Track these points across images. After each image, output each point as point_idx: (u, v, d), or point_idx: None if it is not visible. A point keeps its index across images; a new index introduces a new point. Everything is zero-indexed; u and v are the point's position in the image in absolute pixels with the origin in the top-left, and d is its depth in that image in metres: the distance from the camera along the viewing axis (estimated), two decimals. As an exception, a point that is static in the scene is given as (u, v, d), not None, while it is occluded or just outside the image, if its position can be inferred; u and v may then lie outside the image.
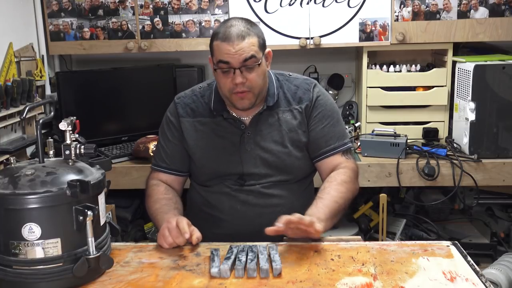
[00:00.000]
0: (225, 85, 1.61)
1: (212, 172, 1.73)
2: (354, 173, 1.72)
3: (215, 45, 1.60)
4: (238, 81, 1.57)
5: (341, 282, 1.25)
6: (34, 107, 2.17)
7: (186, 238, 1.44)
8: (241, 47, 1.55)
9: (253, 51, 1.57)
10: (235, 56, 1.56)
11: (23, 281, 1.21)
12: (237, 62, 1.56)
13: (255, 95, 1.63)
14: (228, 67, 1.57)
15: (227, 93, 1.63)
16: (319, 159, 1.74)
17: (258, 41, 1.60)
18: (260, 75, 1.62)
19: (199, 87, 1.79)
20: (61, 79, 2.52)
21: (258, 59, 1.59)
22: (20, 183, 1.20)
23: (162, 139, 1.79)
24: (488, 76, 2.30)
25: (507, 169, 2.32)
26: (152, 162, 1.82)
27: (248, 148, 1.70)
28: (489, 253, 2.58)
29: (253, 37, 1.58)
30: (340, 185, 1.64)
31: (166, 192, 1.72)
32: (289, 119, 1.71)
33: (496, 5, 2.52)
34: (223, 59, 1.57)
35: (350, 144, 1.78)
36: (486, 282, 1.24)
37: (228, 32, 1.56)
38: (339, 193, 1.62)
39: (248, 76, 1.59)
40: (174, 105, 1.77)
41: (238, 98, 1.62)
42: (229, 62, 1.57)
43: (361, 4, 2.57)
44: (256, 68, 1.60)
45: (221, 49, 1.57)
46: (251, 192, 1.70)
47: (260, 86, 1.64)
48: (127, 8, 2.66)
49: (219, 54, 1.58)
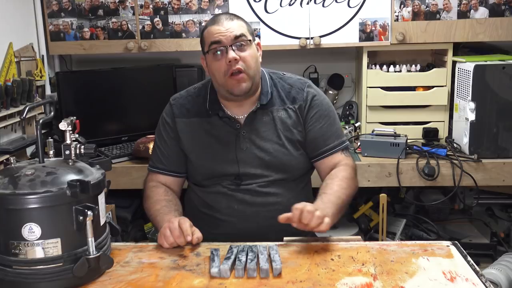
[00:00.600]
0: (219, 68, 1.62)
1: (208, 172, 1.72)
2: (354, 170, 1.73)
3: (205, 32, 1.65)
4: (231, 56, 1.59)
5: (341, 282, 1.25)
6: (34, 107, 2.18)
7: (188, 240, 1.44)
8: (230, 25, 1.61)
9: (243, 31, 1.62)
10: (226, 33, 1.60)
11: (23, 281, 1.21)
12: (228, 39, 1.60)
13: (250, 77, 1.63)
14: (220, 46, 1.60)
15: (222, 78, 1.63)
16: (319, 159, 1.74)
17: (246, 26, 1.66)
18: (253, 56, 1.64)
19: (194, 88, 1.80)
20: (61, 79, 2.52)
21: (248, 38, 1.63)
22: (20, 183, 1.20)
23: (158, 140, 1.79)
24: (488, 76, 2.30)
25: (507, 169, 2.32)
26: (149, 163, 1.81)
27: (244, 147, 1.70)
28: (489, 253, 2.58)
29: (241, 21, 1.66)
30: (342, 181, 1.65)
31: (165, 194, 1.71)
32: (284, 118, 1.72)
33: (496, 5, 2.52)
34: (214, 39, 1.60)
35: (348, 141, 1.79)
36: (486, 282, 1.24)
37: (217, 17, 1.65)
38: (342, 189, 1.62)
39: (241, 55, 1.61)
40: (169, 106, 1.78)
41: (235, 82, 1.62)
42: (220, 41, 1.60)
43: (361, 4, 2.57)
44: (248, 48, 1.63)
45: (211, 31, 1.62)
46: (248, 191, 1.70)
47: (254, 68, 1.64)
48: (127, 8, 2.66)
49: (210, 36, 1.62)
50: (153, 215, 1.66)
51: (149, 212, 1.68)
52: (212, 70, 1.66)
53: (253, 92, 1.69)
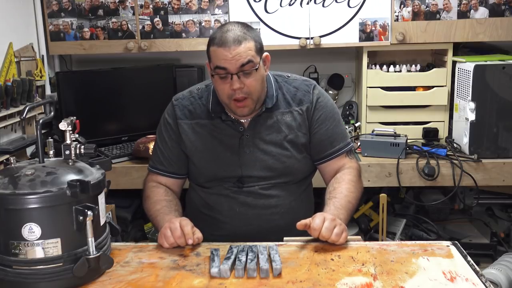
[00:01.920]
0: (223, 91, 1.60)
1: (210, 174, 1.72)
2: (359, 173, 1.74)
3: (212, 50, 1.58)
4: (235, 87, 1.56)
5: (341, 282, 1.25)
6: (34, 107, 2.17)
7: (190, 243, 1.44)
8: (237, 52, 1.53)
9: (250, 56, 1.55)
10: (232, 61, 1.54)
11: (23, 281, 1.21)
12: (234, 67, 1.54)
13: (253, 101, 1.62)
14: (226, 73, 1.56)
15: (226, 100, 1.62)
16: (324, 161, 1.74)
17: (255, 45, 1.57)
18: (258, 80, 1.60)
19: (197, 88, 1.77)
20: (61, 79, 2.52)
21: (255, 64, 1.57)
22: (20, 183, 1.20)
23: (159, 141, 1.77)
24: (488, 76, 2.30)
25: (507, 169, 2.32)
26: (149, 163, 1.81)
27: (247, 150, 1.69)
28: (489, 253, 2.58)
29: (250, 41, 1.56)
30: (349, 184, 1.65)
31: (166, 194, 1.71)
32: (289, 120, 1.70)
33: (496, 5, 2.52)
34: (220, 65, 1.55)
35: (352, 143, 1.79)
36: (486, 282, 1.24)
37: (225, 38, 1.54)
38: (351, 193, 1.63)
39: (246, 82, 1.57)
40: (172, 107, 1.76)
41: (237, 107, 1.61)
42: (226, 68, 1.55)
43: (361, 4, 2.57)
44: (254, 73, 1.58)
45: (217, 55, 1.55)
46: (250, 193, 1.70)
47: (259, 91, 1.62)
48: (127, 8, 2.66)
49: (216, 60, 1.56)
50: (153, 215, 1.65)
51: (149, 212, 1.68)
52: (216, 86, 1.63)
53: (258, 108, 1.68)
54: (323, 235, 1.43)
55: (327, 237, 1.43)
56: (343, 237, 1.45)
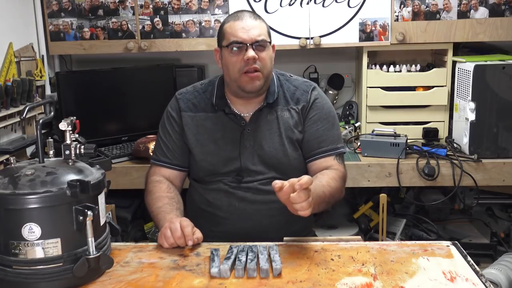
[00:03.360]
0: (235, 64, 1.64)
1: (210, 167, 1.73)
2: (343, 177, 1.72)
3: (227, 26, 1.66)
4: (250, 55, 1.61)
5: (341, 282, 1.25)
6: (34, 107, 2.18)
7: (190, 245, 1.44)
8: (254, 25, 1.64)
9: (264, 32, 1.66)
10: (249, 32, 1.62)
11: (23, 281, 1.21)
12: (250, 38, 1.62)
13: (264, 76, 1.66)
14: (241, 45, 1.62)
15: (237, 73, 1.64)
16: (311, 160, 1.75)
17: (266, 27, 1.69)
18: (269, 58, 1.68)
19: (201, 83, 1.82)
20: (61, 79, 2.52)
21: (268, 40, 1.66)
22: (20, 183, 1.20)
23: (163, 133, 1.79)
24: (488, 76, 2.30)
25: (507, 169, 2.32)
26: (152, 157, 1.81)
27: (247, 144, 1.71)
28: (489, 253, 2.58)
29: (263, 22, 1.69)
30: (331, 180, 1.64)
31: (168, 190, 1.71)
32: (287, 118, 1.73)
33: (496, 5, 2.52)
34: (236, 36, 1.62)
35: (343, 149, 1.78)
36: (486, 282, 1.24)
37: (241, 14, 1.67)
38: (329, 187, 1.59)
39: (260, 55, 1.63)
40: (175, 100, 1.79)
41: (249, 79, 1.64)
42: (242, 40, 1.62)
43: (361, 4, 2.57)
44: (267, 49, 1.66)
45: (234, 27, 1.64)
46: (249, 189, 1.71)
47: (268, 69, 1.68)
48: (127, 8, 2.66)
49: (232, 34, 1.63)
50: (154, 212, 1.65)
51: (151, 208, 1.68)
52: (227, 63, 1.66)
53: (264, 91, 1.71)
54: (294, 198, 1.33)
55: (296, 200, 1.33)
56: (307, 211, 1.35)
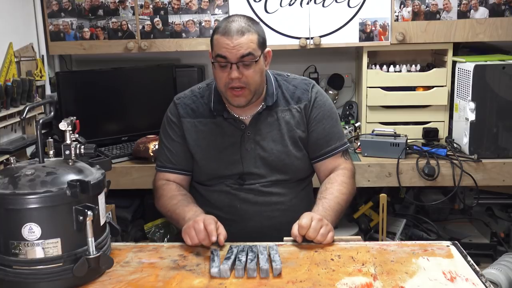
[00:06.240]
0: (221, 79, 1.62)
1: (212, 172, 1.73)
2: (352, 174, 1.76)
3: (215, 39, 1.61)
4: (233, 76, 1.58)
5: (341, 282, 1.25)
6: (34, 107, 2.18)
7: (213, 241, 1.43)
8: (239, 42, 1.56)
9: (251, 49, 1.58)
10: (233, 51, 1.57)
11: (23, 281, 1.21)
12: (234, 57, 1.57)
13: (251, 92, 1.63)
14: (225, 61, 1.58)
15: (223, 88, 1.64)
16: (319, 160, 1.75)
17: (257, 39, 1.61)
18: (257, 72, 1.62)
19: (198, 88, 1.80)
20: (61, 79, 2.52)
21: (255, 56, 1.59)
22: (20, 183, 1.20)
23: (165, 139, 1.78)
24: (488, 76, 2.30)
25: (507, 169, 2.32)
26: (157, 164, 1.81)
27: (249, 147, 1.71)
28: (489, 253, 2.58)
29: (253, 34, 1.59)
30: (341, 186, 1.67)
31: (178, 189, 1.72)
32: (288, 118, 1.72)
33: (496, 5, 2.52)
34: (221, 53, 1.58)
35: (348, 143, 1.80)
36: (486, 282, 1.24)
37: (229, 27, 1.58)
38: (342, 195, 1.65)
39: (245, 72, 1.60)
40: (174, 106, 1.78)
41: (233, 95, 1.63)
42: (226, 56, 1.58)
43: (361, 4, 2.57)
44: (253, 65, 1.60)
45: (220, 43, 1.59)
46: (251, 190, 1.71)
47: (257, 83, 1.64)
48: (127, 8, 2.66)
49: (218, 48, 1.59)
50: (171, 209, 1.64)
51: (166, 208, 1.67)
52: (215, 74, 1.66)
53: (254, 101, 1.69)
54: (309, 235, 1.44)
55: (313, 237, 1.44)
56: (330, 237, 1.46)
